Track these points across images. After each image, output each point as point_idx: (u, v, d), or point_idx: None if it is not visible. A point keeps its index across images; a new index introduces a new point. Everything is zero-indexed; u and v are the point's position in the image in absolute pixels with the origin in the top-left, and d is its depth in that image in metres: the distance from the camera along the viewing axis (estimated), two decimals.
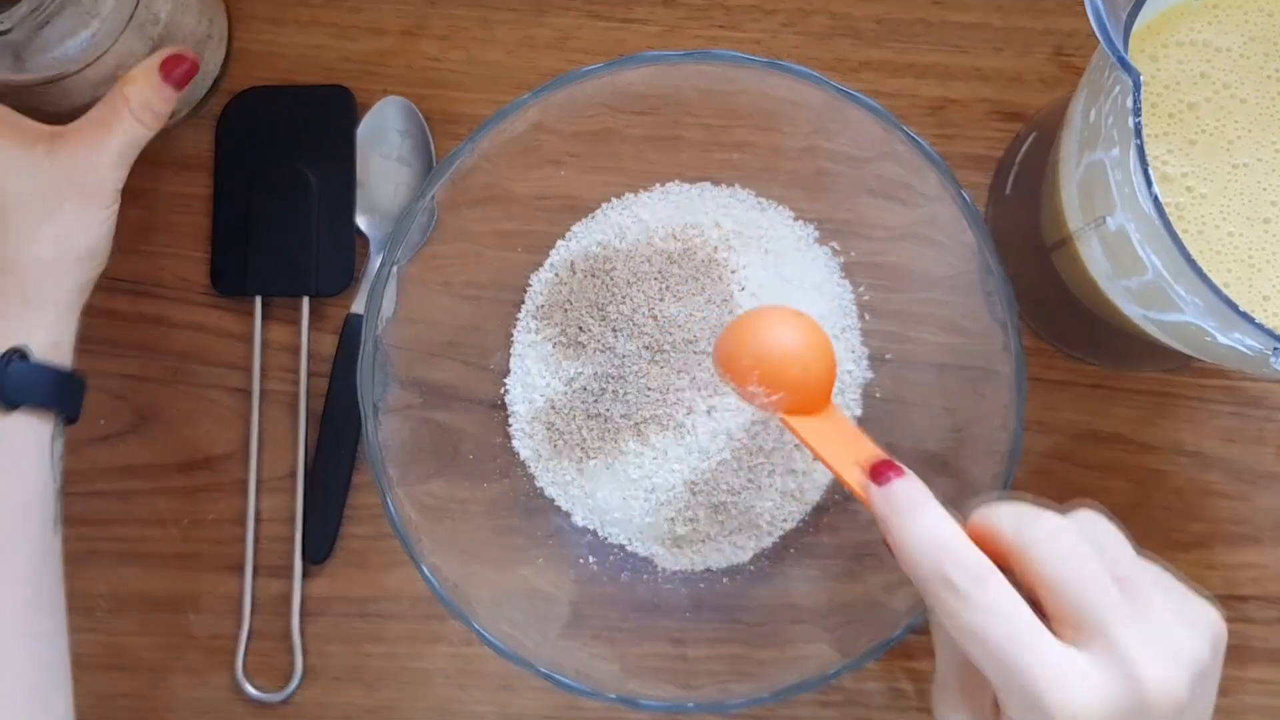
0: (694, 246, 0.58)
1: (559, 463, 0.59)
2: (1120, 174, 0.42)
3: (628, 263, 0.58)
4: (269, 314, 0.62)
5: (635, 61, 0.51)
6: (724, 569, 0.59)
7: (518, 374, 0.60)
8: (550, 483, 0.60)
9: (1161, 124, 0.47)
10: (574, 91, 0.52)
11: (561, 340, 0.58)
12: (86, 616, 0.60)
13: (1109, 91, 0.43)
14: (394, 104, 0.61)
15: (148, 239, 0.62)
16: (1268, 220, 0.46)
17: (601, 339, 0.58)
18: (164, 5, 0.55)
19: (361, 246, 0.62)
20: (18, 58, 0.51)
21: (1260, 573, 0.60)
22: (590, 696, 0.51)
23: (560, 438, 0.58)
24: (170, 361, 0.62)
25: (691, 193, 0.60)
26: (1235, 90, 0.47)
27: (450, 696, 0.60)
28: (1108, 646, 0.35)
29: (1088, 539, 0.37)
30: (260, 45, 0.62)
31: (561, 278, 0.60)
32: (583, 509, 0.60)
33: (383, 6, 0.62)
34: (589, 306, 0.58)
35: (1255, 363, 0.42)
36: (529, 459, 0.60)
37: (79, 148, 0.50)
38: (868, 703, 0.59)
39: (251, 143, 0.62)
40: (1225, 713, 0.59)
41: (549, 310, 0.59)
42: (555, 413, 0.58)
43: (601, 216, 0.60)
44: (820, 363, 0.45)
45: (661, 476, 0.57)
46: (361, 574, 0.61)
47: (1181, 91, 0.48)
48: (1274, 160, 0.47)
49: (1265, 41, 0.47)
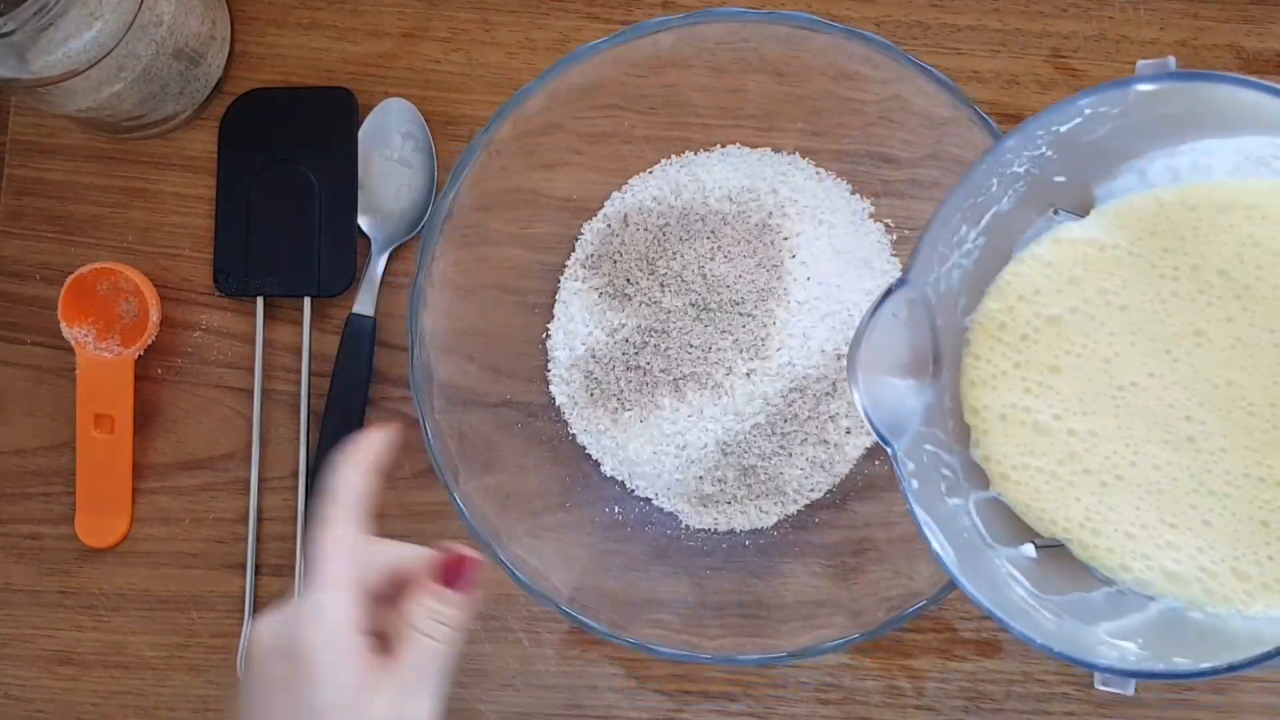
0: (749, 210, 0.58)
1: (594, 412, 0.59)
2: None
3: (681, 220, 0.59)
4: (271, 314, 0.62)
5: (708, 17, 0.53)
6: (747, 531, 0.60)
7: (561, 320, 0.60)
8: (583, 430, 0.60)
9: (1011, 353, 0.41)
10: (641, 46, 0.54)
11: (609, 291, 0.59)
12: (89, 614, 0.61)
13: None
14: (395, 105, 0.62)
15: (150, 239, 0.62)
16: (1191, 439, 0.39)
17: (649, 293, 0.58)
18: (167, 7, 0.55)
19: (363, 247, 0.62)
20: (22, 58, 0.52)
21: None
22: (608, 637, 0.52)
23: (598, 386, 0.59)
24: (173, 361, 0.62)
25: (751, 157, 0.61)
26: (1114, 296, 0.40)
27: (450, 694, 0.60)
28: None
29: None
30: (263, 47, 0.63)
31: (614, 229, 0.60)
32: (613, 460, 0.60)
33: (384, 9, 0.63)
34: (639, 260, 0.59)
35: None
36: (564, 405, 0.60)
37: (403, 684, 0.42)
38: (866, 700, 0.59)
39: (253, 144, 0.62)
40: (1223, 710, 0.59)
41: (598, 260, 0.60)
42: (595, 361, 0.59)
43: (660, 172, 0.61)
44: None
45: (694, 434, 0.57)
46: None
47: (1040, 303, 0.41)
48: (1171, 373, 0.39)
49: (1167, 236, 0.39)
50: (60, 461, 0.61)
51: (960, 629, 0.60)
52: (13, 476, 0.62)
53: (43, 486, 0.62)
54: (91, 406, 0.60)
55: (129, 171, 0.63)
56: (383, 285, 0.61)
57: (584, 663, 0.60)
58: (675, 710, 0.60)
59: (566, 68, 0.53)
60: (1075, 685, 0.59)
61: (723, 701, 0.60)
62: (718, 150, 0.61)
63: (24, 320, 0.62)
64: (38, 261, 0.62)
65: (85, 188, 0.63)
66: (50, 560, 0.61)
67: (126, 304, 0.61)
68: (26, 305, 0.62)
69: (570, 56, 0.53)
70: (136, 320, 0.61)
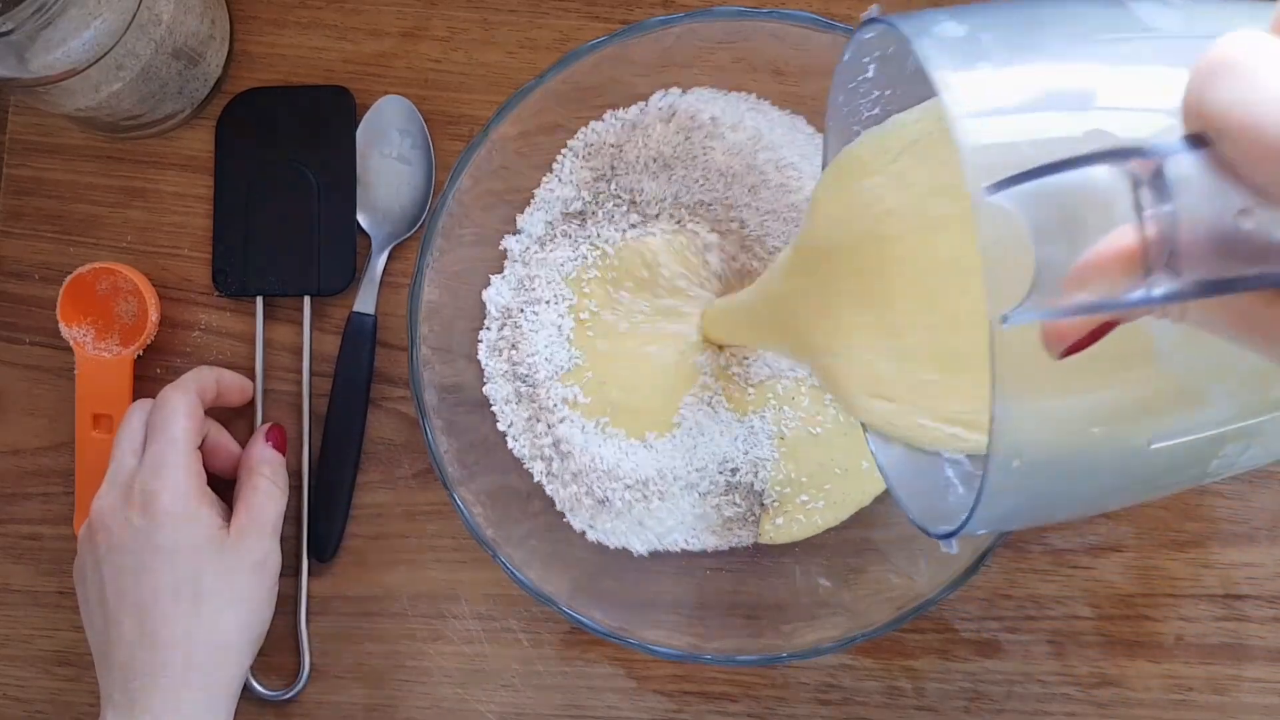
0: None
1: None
2: None
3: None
4: (271, 313, 0.62)
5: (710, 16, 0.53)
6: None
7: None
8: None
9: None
10: (641, 45, 0.54)
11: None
12: None
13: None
14: (394, 103, 0.62)
15: (150, 239, 0.62)
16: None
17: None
18: (166, 6, 0.55)
19: (363, 245, 0.62)
20: (21, 58, 0.52)
21: (1257, 571, 0.60)
22: (609, 638, 0.52)
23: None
24: (172, 361, 0.62)
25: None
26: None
27: (451, 695, 0.60)
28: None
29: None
30: (262, 46, 0.63)
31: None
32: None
33: (383, 8, 0.63)
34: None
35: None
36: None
37: (247, 528, 0.56)
38: (866, 701, 0.59)
39: (251, 143, 0.62)
40: (1222, 711, 0.59)
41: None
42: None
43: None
44: None
45: (699, 454, 0.58)
46: (364, 573, 0.61)
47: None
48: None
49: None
50: (59, 461, 0.61)
51: (960, 629, 0.60)
52: (12, 476, 0.62)
53: (42, 486, 0.62)
54: (90, 406, 0.60)
55: (128, 171, 0.63)
56: (382, 285, 0.61)
57: (584, 663, 0.60)
58: (675, 711, 0.60)
59: (566, 67, 0.53)
60: (1076, 686, 0.60)
61: (723, 702, 0.60)
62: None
63: (23, 320, 0.62)
64: (37, 261, 0.62)
65: (84, 187, 0.63)
66: (49, 560, 0.61)
67: (125, 304, 0.61)
68: (25, 305, 0.62)
69: (570, 55, 0.53)
70: (135, 320, 0.61)
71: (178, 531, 0.54)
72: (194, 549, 0.54)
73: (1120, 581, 0.60)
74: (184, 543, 0.54)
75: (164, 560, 0.53)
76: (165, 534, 0.54)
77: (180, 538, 0.54)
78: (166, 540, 0.54)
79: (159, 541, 0.54)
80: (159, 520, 0.54)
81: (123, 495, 0.55)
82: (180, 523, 0.54)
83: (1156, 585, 0.60)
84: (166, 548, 0.54)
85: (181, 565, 0.54)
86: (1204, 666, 0.60)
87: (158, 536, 0.54)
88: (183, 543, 0.54)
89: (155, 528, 0.54)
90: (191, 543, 0.54)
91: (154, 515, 0.54)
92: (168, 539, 0.54)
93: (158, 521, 0.54)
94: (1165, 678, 0.60)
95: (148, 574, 0.53)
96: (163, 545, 0.54)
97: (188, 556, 0.54)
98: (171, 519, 0.54)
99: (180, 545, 0.54)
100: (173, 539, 0.54)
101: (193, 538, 0.54)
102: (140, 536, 0.54)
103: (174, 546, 0.54)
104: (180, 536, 0.54)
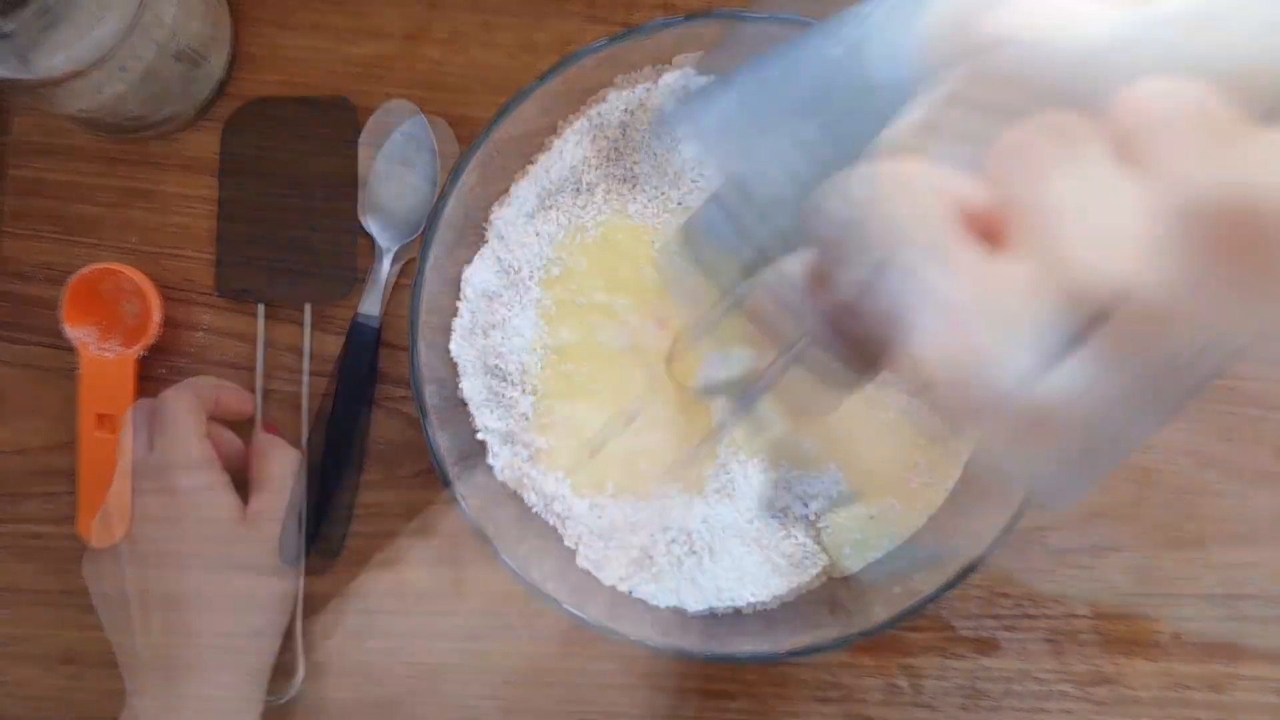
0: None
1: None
2: None
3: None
4: (272, 315, 0.62)
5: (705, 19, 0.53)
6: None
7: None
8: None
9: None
10: (642, 48, 0.55)
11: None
12: (92, 614, 0.61)
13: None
14: (397, 106, 0.62)
15: (153, 240, 0.63)
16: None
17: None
18: (169, 8, 0.55)
19: (366, 248, 0.62)
20: (24, 59, 0.52)
21: (1257, 571, 0.60)
22: (609, 634, 0.52)
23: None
24: (175, 361, 0.62)
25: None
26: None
27: (452, 692, 0.61)
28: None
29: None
30: (264, 49, 0.63)
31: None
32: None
33: (385, 11, 0.63)
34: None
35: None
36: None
37: (265, 510, 0.57)
38: (865, 699, 0.60)
39: (255, 149, 0.62)
40: (1221, 709, 0.59)
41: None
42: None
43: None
44: None
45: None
46: (364, 571, 0.61)
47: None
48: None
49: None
50: (63, 461, 0.62)
51: (959, 627, 0.60)
52: (15, 476, 0.62)
53: (45, 486, 0.62)
54: (94, 407, 0.60)
55: (131, 172, 0.63)
56: (384, 286, 0.62)
57: (584, 660, 0.60)
58: (675, 707, 0.60)
59: (566, 69, 0.53)
60: (1073, 684, 0.60)
61: (722, 700, 0.60)
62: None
63: (26, 321, 0.62)
64: (40, 262, 0.63)
65: (87, 188, 0.63)
66: (53, 560, 0.62)
67: (129, 304, 0.61)
68: (29, 306, 0.62)
69: (571, 58, 0.53)
70: (139, 320, 0.61)
71: (199, 512, 0.54)
72: (217, 532, 0.54)
73: (1119, 581, 0.60)
74: (206, 525, 0.54)
75: (189, 546, 0.53)
76: (186, 518, 0.54)
77: (203, 519, 0.54)
78: (189, 524, 0.54)
79: (182, 528, 0.53)
80: (178, 504, 0.54)
81: (138, 486, 0.55)
82: (201, 504, 0.54)
83: (1155, 585, 0.60)
84: (190, 533, 0.54)
85: (207, 549, 0.53)
86: (1201, 665, 0.60)
87: (180, 523, 0.54)
88: (205, 525, 0.54)
89: (176, 513, 0.54)
90: (214, 525, 0.54)
91: (173, 500, 0.54)
92: (190, 523, 0.54)
93: (178, 506, 0.54)
94: (1163, 676, 0.60)
95: (174, 563, 0.53)
96: (186, 531, 0.54)
97: (212, 539, 0.54)
98: (192, 501, 0.54)
99: (203, 528, 0.54)
100: (195, 522, 0.54)
101: (214, 519, 0.54)
102: (161, 525, 0.54)
103: (197, 530, 0.54)
104: (202, 517, 0.54)
